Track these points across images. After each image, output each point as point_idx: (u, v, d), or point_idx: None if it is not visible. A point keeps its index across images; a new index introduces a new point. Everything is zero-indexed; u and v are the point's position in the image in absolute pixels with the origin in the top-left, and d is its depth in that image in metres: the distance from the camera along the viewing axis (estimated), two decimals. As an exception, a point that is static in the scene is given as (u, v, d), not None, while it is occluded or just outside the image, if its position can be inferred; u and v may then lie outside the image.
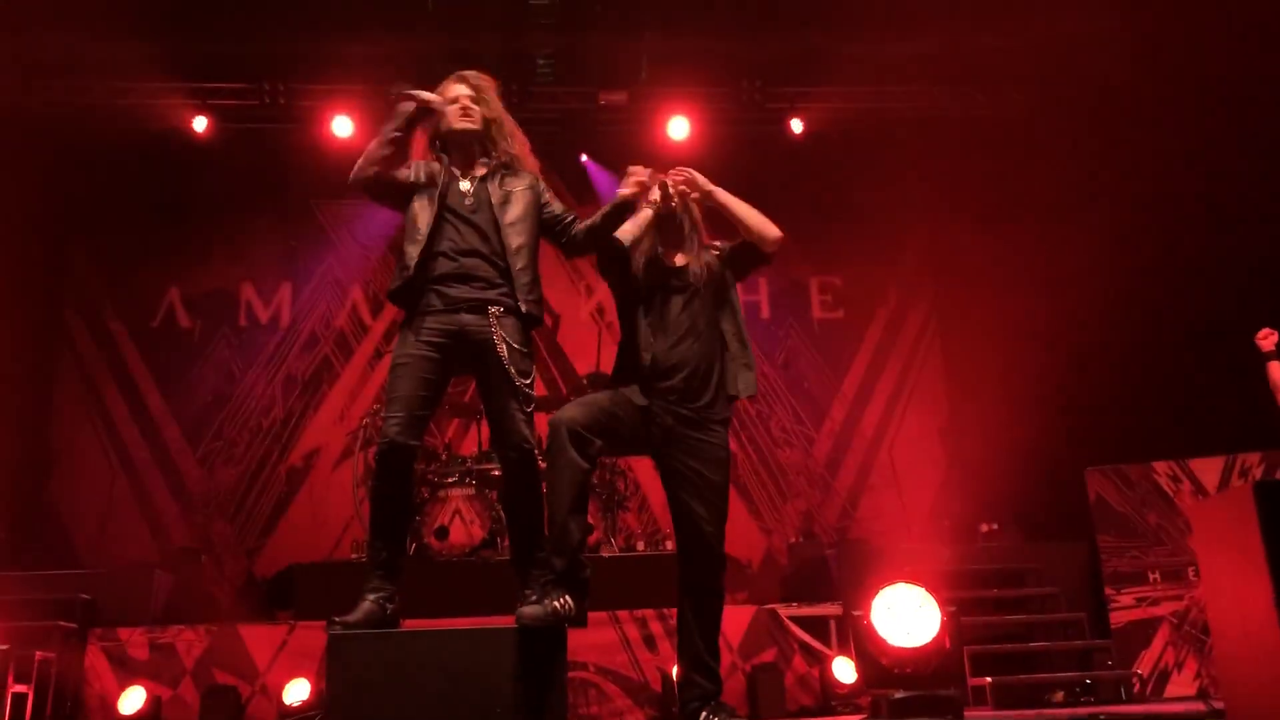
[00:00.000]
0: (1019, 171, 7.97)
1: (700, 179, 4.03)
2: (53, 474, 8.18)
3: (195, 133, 7.93)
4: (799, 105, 8.30)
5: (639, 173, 3.88)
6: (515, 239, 3.86)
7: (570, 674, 3.54)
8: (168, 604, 6.54)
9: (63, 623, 5.99)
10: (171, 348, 8.37)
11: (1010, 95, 8.25)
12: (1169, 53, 6.78)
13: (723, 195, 4.05)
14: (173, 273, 8.54)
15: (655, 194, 4.01)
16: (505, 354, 3.73)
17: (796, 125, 8.32)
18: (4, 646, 3.97)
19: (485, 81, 4.04)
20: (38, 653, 5.23)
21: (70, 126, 7.76)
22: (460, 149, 4.02)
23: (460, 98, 3.97)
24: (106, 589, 6.56)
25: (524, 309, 3.77)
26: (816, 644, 5.94)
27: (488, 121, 4.00)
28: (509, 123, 4.05)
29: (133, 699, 5.76)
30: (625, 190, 3.83)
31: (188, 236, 8.51)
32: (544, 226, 3.99)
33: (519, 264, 3.83)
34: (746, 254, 4.10)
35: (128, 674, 5.88)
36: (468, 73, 4.05)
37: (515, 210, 3.91)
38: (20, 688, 4.45)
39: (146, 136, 7.89)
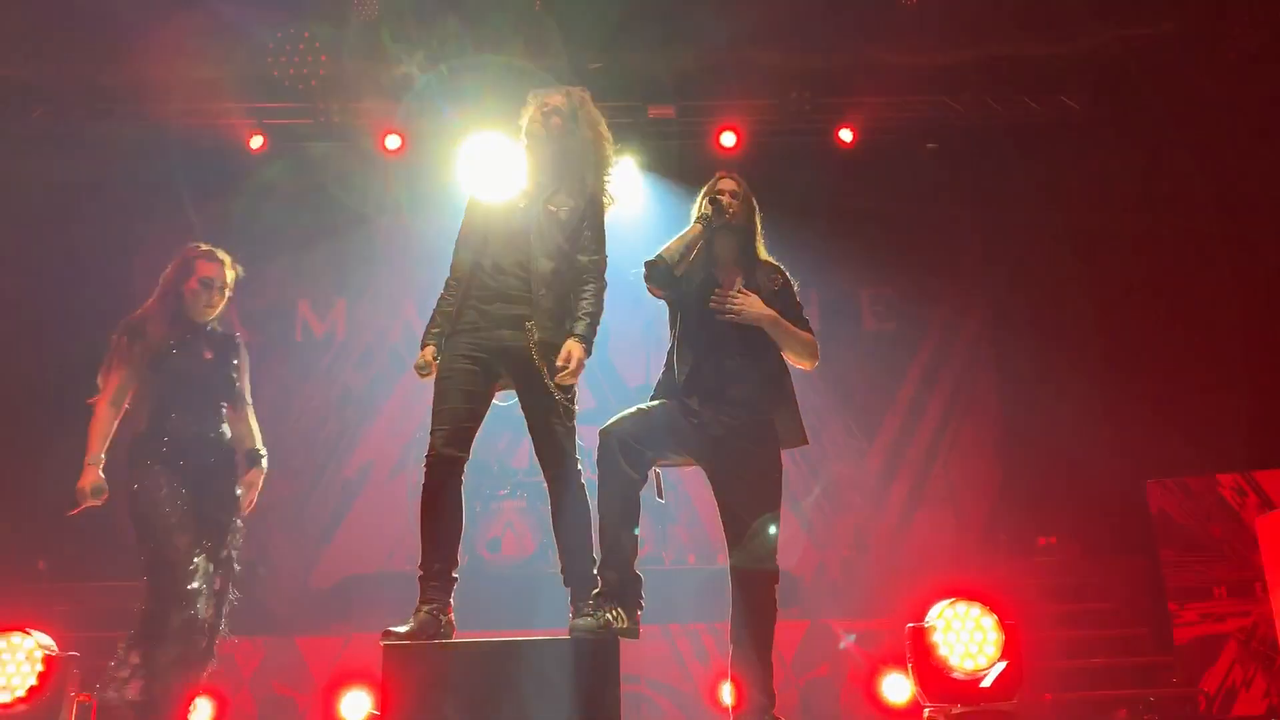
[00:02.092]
0: (1074, 180, 7.86)
1: (753, 309, 3.92)
2: (113, 489, 8.34)
3: (251, 151, 8.08)
4: (848, 115, 8.25)
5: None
6: (545, 263, 3.86)
7: (623, 687, 3.52)
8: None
9: (125, 633, 6.11)
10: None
11: (1064, 103, 8.13)
12: (1231, 56, 6.65)
13: (777, 327, 3.95)
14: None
15: (707, 208, 3.99)
16: (545, 371, 3.75)
17: (846, 135, 8.27)
18: (74, 654, 4.05)
19: (565, 100, 4.06)
20: (103, 662, 5.31)
21: (134, 149, 7.94)
22: (532, 167, 4.05)
23: (548, 108, 3.99)
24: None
25: (536, 336, 3.78)
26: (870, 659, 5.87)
27: (569, 141, 4.00)
28: (589, 146, 4.04)
29: (200, 712, 5.85)
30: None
31: (244, 254, 8.64)
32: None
33: (540, 289, 3.83)
34: (798, 315, 4.07)
35: (188, 684, 5.97)
36: (570, 89, 4.08)
37: (548, 230, 3.91)
38: (85, 697, 4.53)
39: (204, 157, 8.05)
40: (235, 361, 4.41)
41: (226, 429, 4.30)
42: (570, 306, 3.86)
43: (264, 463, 4.38)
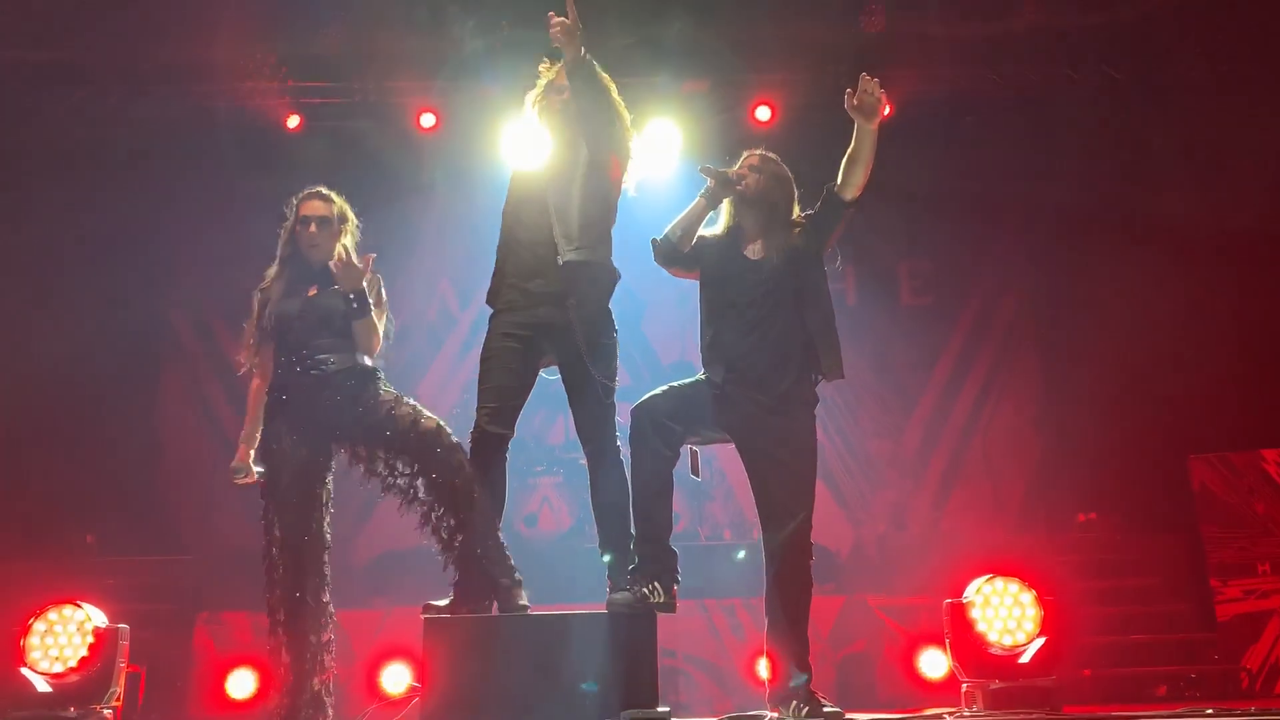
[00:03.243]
0: (1115, 151, 7.72)
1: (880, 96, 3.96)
2: (160, 465, 8.50)
3: (288, 130, 8.12)
4: (885, 88, 8.11)
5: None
6: (561, 227, 3.84)
7: (659, 661, 3.55)
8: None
9: (172, 606, 6.26)
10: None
11: (1106, 74, 7.98)
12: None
13: (874, 131, 3.94)
14: (267, 269, 8.77)
15: (710, 184, 3.97)
16: (585, 347, 3.76)
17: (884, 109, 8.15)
18: (123, 626, 4.14)
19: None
20: (150, 634, 5.43)
21: (171, 131, 8.03)
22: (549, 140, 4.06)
23: (564, 90, 3.98)
24: (212, 574, 6.83)
25: (554, 302, 3.76)
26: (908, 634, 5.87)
27: (575, 108, 3.99)
28: (594, 103, 4.02)
29: (243, 683, 5.97)
30: None
31: (279, 233, 8.72)
32: None
33: (558, 256, 3.82)
34: (827, 210, 4.02)
35: (232, 657, 6.10)
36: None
37: (573, 193, 3.88)
38: (134, 668, 4.64)
39: (241, 137, 8.11)
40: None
41: (334, 359, 4.00)
42: (603, 268, 3.87)
43: (355, 306, 3.99)
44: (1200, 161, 7.13)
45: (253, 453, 4.08)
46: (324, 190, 4.24)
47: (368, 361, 4.07)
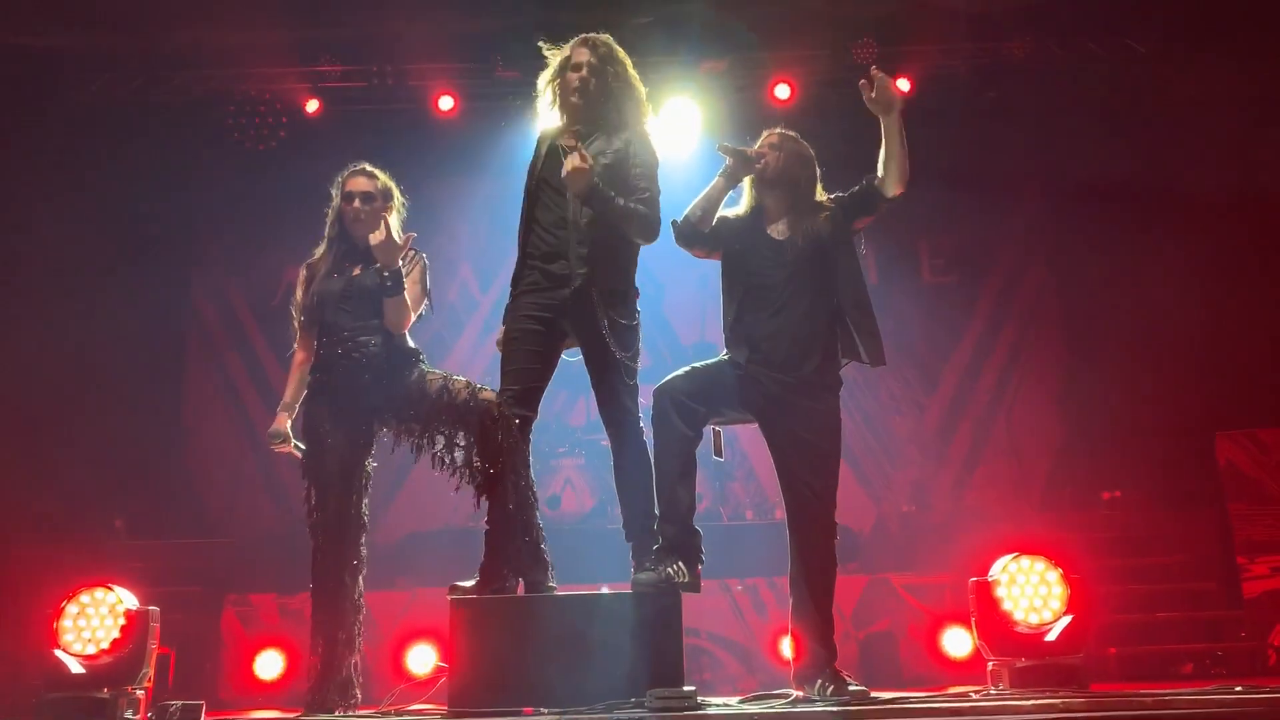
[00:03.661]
0: (1140, 125, 7.63)
1: (894, 88, 3.91)
2: (187, 449, 8.58)
3: (307, 115, 8.14)
4: (904, 64, 8.07)
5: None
6: (586, 214, 3.84)
7: (683, 640, 3.57)
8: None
9: (200, 589, 6.33)
10: (290, 326, 8.65)
11: (1129, 46, 7.87)
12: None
13: (898, 122, 3.90)
14: (290, 253, 8.81)
15: (729, 163, 3.94)
16: (606, 328, 3.76)
17: (903, 84, 8.08)
18: (153, 608, 4.19)
19: (590, 54, 4.02)
20: (179, 616, 5.49)
21: (191, 116, 8.06)
22: (567, 119, 4.04)
23: (581, 67, 3.96)
24: (239, 557, 6.90)
25: (576, 283, 3.75)
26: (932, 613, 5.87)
27: (598, 94, 3.97)
28: (619, 94, 4.01)
29: (271, 664, 6.04)
30: None
31: (303, 218, 8.75)
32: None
33: (576, 237, 3.81)
34: (864, 199, 3.99)
35: (260, 638, 6.17)
36: (593, 37, 4.02)
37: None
38: (164, 650, 4.70)
39: (263, 122, 8.13)
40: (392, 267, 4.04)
41: (375, 341, 3.99)
42: (622, 247, 3.86)
43: (389, 283, 3.94)
44: (1228, 134, 7.03)
45: (290, 422, 4.08)
46: (368, 167, 4.24)
47: (410, 343, 4.08)
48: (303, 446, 4.08)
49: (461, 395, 3.84)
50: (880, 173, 3.93)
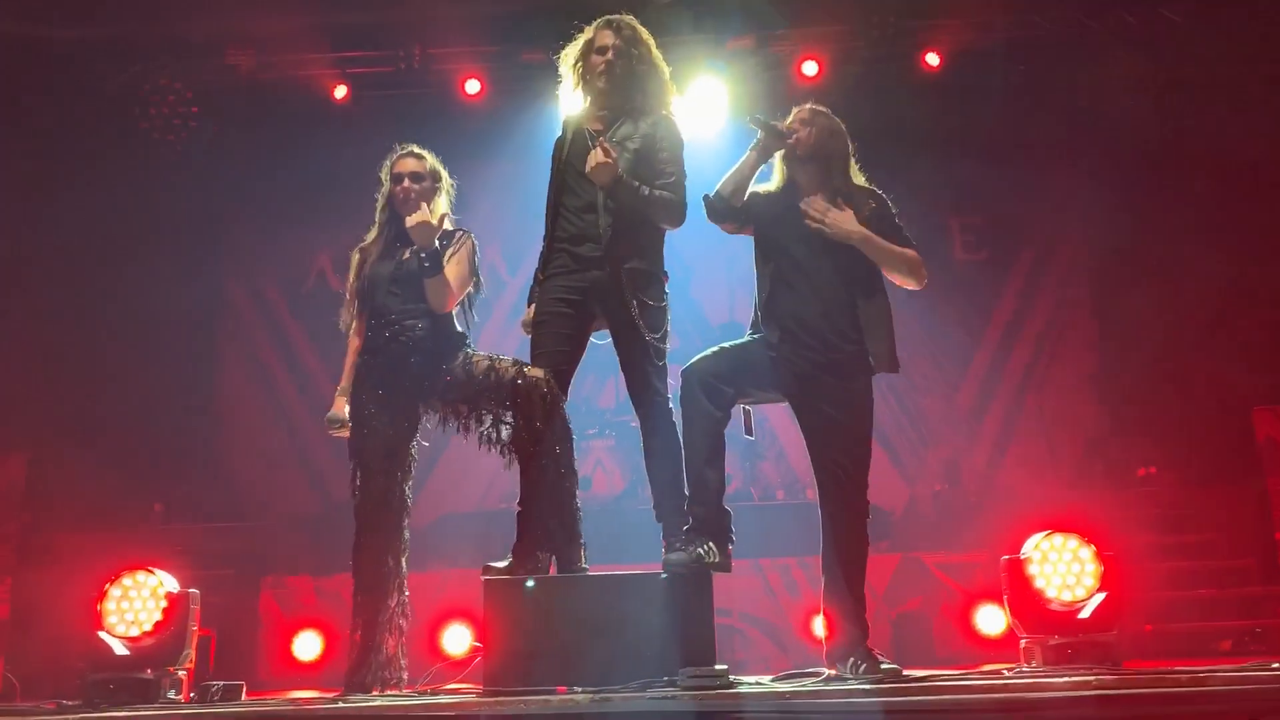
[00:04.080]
0: (1174, 95, 7.50)
1: (842, 224, 3.84)
2: (221, 434, 8.70)
3: (335, 101, 8.17)
4: (933, 38, 7.98)
5: None
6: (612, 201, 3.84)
7: (715, 620, 3.58)
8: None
9: (237, 571, 6.42)
10: (322, 310, 8.70)
11: (1164, 16, 7.73)
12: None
13: (869, 244, 3.86)
14: (321, 238, 8.89)
15: (760, 136, 3.92)
16: (635, 309, 3.76)
17: (932, 59, 8.00)
18: (193, 591, 4.26)
19: (615, 36, 4.01)
20: (217, 598, 5.58)
21: (220, 103, 8.12)
22: (593, 103, 4.05)
23: (606, 50, 3.95)
24: (275, 540, 6.99)
25: (604, 266, 3.75)
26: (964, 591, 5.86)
27: (624, 76, 3.97)
28: (645, 75, 4.00)
29: (309, 645, 6.13)
30: None
31: (333, 203, 8.82)
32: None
33: (605, 220, 3.81)
34: (899, 242, 3.98)
35: (297, 620, 6.26)
36: (616, 18, 4.02)
37: (624, 168, 3.88)
38: (205, 631, 4.78)
39: (290, 107, 8.18)
40: (444, 247, 4.08)
41: (422, 325, 4.01)
42: (649, 230, 3.86)
43: (427, 264, 3.94)
44: (1266, 103, 6.90)
45: (348, 407, 4.11)
46: (416, 148, 4.26)
47: (458, 326, 4.11)
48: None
49: (509, 374, 3.86)
50: None
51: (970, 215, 8.87)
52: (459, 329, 4.14)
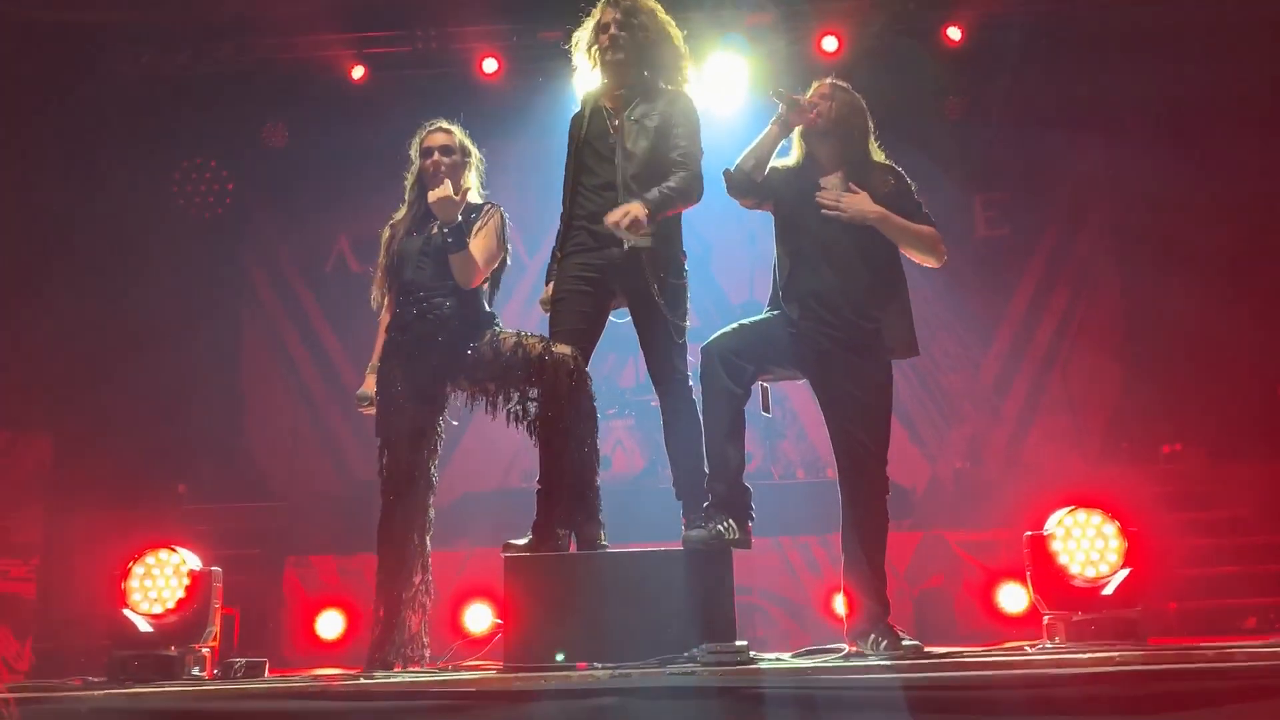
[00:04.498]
0: (1202, 66, 7.37)
1: (858, 205, 3.82)
2: (244, 414, 8.75)
3: (353, 81, 8.16)
4: (956, 12, 7.87)
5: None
6: (629, 170, 3.82)
7: (736, 598, 3.58)
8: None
9: (261, 551, 6.47)
10: (343, 292, 8.75)
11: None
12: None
13: (887, 224, 3.84)
14: (340, 219, 8.90)
15: (781, 109, 3.88)
16: (655, 288, 3.75)
17: (954, 33, 7.90)
18: (215, 569, 4.29)
19: (616, 12, 3.98)
20: (241, 577, 5.63)
21: (238, 86, 8.13)
22: (608, 81, 4.03)
23: (609, 26, 3.94)
24: (298, 519, 7.04)
25: (624, 244, 3.72)
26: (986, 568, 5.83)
27: (632, 47, 3.95)
28: (654, 44, 3.98)
29: (332, 624, 6.18)
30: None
31: (352, 184, 8.84)
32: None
33: (624, 199, 3.79)
34: (922, 220, 3.95)
35: (320, 598, 6.31)
36: None
37: (635, 142, 3.86)
38: (228, 609, 4.82)
39: (308, 88, 8.18)
40: (471, 221, 4.06)
41: (450, 302, 4.00)
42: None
43: (450, 239, 3.89)
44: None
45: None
46: (445, 124, 4.24)
47: (486, 305, 4.10)
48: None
49: (536, 350, 3.83)
50: None
51: (993, 191, 8.77)
52: (488, 309, 4.12)
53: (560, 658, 3.48)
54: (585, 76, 4.11)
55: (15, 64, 6.62)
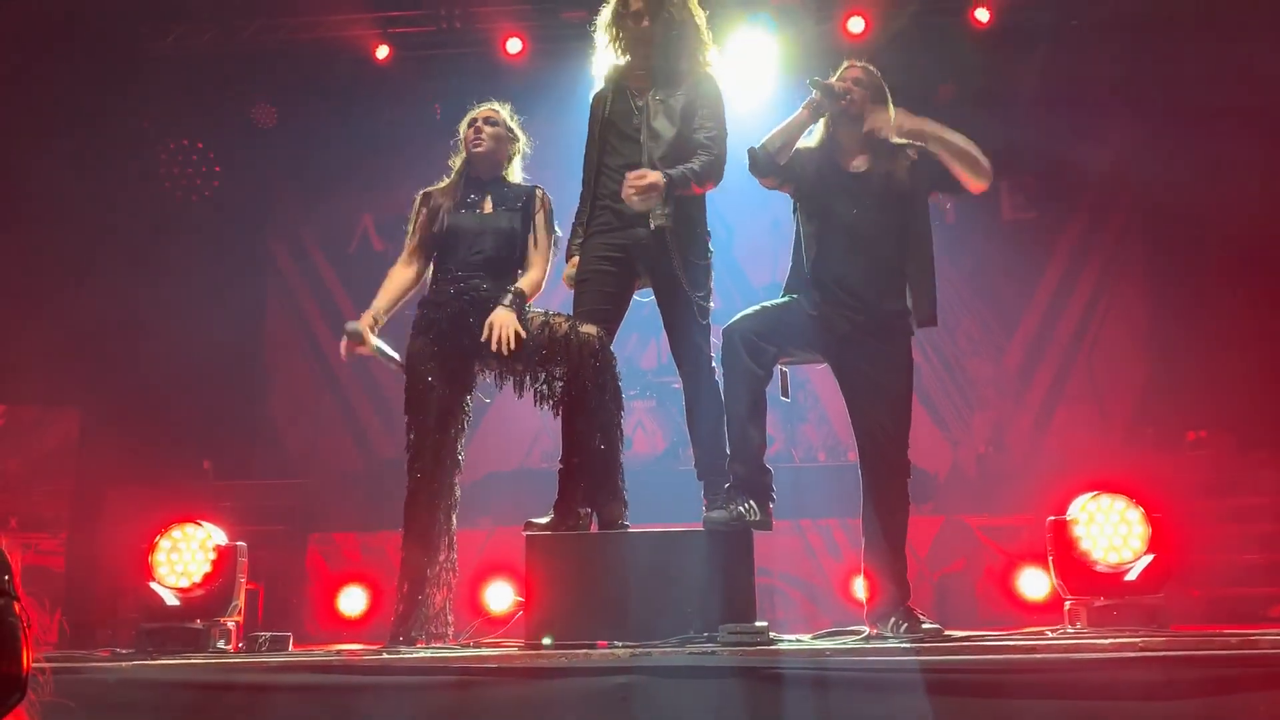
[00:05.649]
0: (1238, 50, 7.25)
1: (904, 124, 3.82)
2: (269, 392, 8.82)
3: (377, 61, 8.16)
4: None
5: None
6: (655, 151, 3.81)
7: (756, 580, 3.59)
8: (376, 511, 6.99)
9: (284, 527, 6.53)
10: (366, 271, 8.77)
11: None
12: None
13: (932, 129, 3.81)
14: (364, 199, 8.93)
15: (816, 95, 3.87)
16: (680, 267, 3.75)
17: (983, 15, 7.81)
18: (240, 544, 4.34)
19: None
20: (265, 553, 5.68)
21: (264, 66, 8.15)
22: (632, 60, 4.02)
23: (634, 5, 3.92)
24: (322, 496, 7.10)
25: (651, 224, 3.71)
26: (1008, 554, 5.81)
27: (658, 27, 3.94)
28: (680, 25, 3.96)
29: (355, 600, 6.24)
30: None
31: (376, 164, 8.86)
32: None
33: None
34: (943, 179, 3.91)
35: (343, 574, 6.37)
36: None
37: (660, 123, 3.86)
38: (253, 584, 4.87)
39: (332, 68, 8.19)
40: (521, 209, 4.12)
41: (487, 285, 3.99)
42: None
43: (509, 301, 3.88)
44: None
45: (378, 328, 4.08)
46: (495, 104, 4.26)
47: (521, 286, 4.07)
48: (391, 354, 4.08)
49: (562, 329, 3.83)
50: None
51: (1019, 174, 8.68)
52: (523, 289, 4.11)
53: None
54: (606, 56, 4.09)
55: (52, 44, 6.66)
